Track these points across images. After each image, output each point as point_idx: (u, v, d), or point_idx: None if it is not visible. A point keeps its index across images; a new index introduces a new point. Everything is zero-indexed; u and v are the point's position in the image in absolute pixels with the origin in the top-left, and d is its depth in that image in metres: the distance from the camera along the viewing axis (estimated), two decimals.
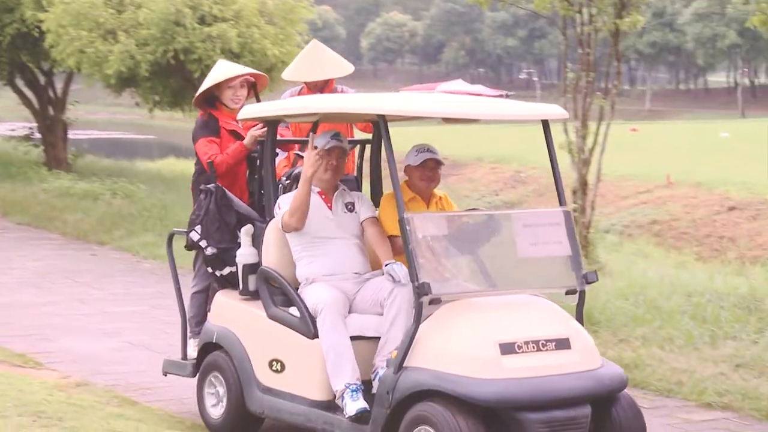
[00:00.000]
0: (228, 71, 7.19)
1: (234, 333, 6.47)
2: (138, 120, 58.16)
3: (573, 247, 5.75)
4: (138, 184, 20.62)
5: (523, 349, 5.30)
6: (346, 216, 6.19)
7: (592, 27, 12.48)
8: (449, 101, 5.99)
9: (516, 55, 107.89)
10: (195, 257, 7.35)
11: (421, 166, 6.25)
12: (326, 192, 6.22)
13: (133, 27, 17.50)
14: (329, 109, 6.35)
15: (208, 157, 6.95)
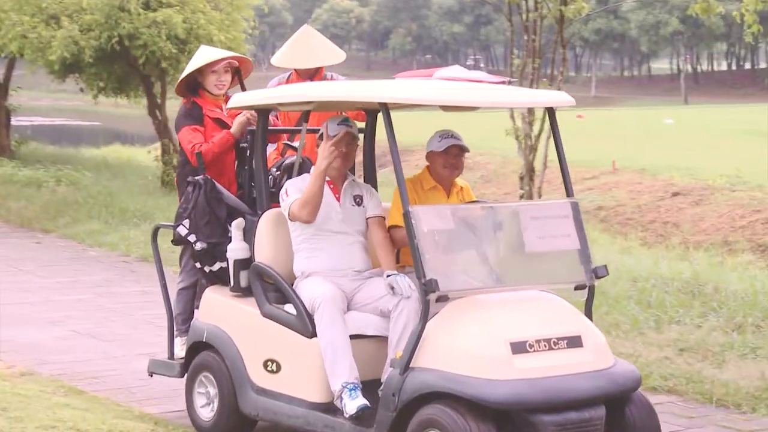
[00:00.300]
0: (210, 55, 6.86)
1: (225, 332, 6.18)
2: (82, 106, 57.52)
3: (582, 240, 5.56)
4: (83, 171, 20.41)
5: (535, 348, 5.09)
6: (354, 210, 5.87)
7: (538, 14, 12.56)
8: (454, 89, 5.70)
9: (462, 42, 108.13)
10: (181, 252, 7.03)
11: (445, 153, 5.99)
12: (335, 181, 5.88)
13: (77, 12, 17.28)
14: (328, 98, 5.97)
15: (192, 146, 6.65)
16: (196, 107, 6.85)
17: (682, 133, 31.88)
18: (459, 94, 5.63)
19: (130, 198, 16.94)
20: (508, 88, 6.06)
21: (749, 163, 20.52)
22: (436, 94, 5.61)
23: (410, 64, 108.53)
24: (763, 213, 17.06)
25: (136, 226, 14.79)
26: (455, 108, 5.92)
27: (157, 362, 6.95)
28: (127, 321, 9.81)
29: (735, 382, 7.35)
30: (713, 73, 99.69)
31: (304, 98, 5.94)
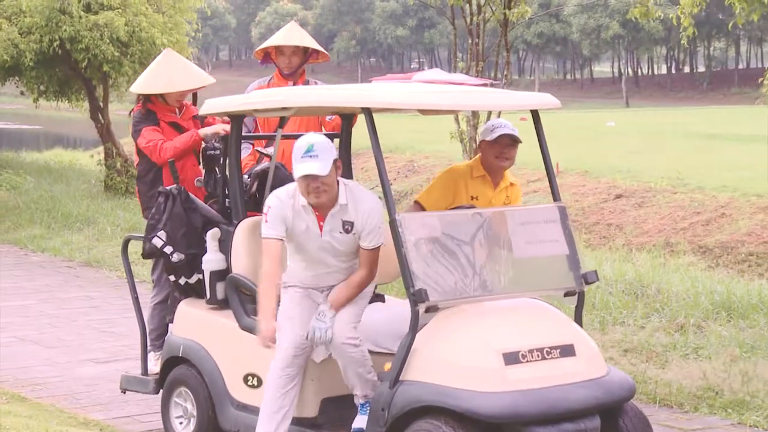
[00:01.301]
0: (177, 84, 6.80)
1: (202, 346, 5.95)
2: (23, 110, 56.87)
3: (570, 245, 5.42)
4: (24, 175, 20.19)
5: (528, 359, 4.93)
6: (341, 237, 5.39)
7: (481, 17, 12.60)
8: (438, 93, 5.47)
9: (406, 45, 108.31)
10: (154, 266, 6.89)
11: (496, 143, 5.89)
12: (320, 209, 5.38)
13: (16, 15, 17.11)
14: (308, 103, 5.63)
15: (155, 143, 6.59)
16: (151, 113, 6.82)
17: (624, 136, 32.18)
18: (444, 98, 5.44)
19: (72, 202, 16.77)
20: (491, 90, 5.88)
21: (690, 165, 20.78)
22: (421, 98, 5.41)
23: (355, 67, 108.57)
24: (704, 215, 17.29)
25: (79, 231, 14.66)
26: (432, 112, 5.80)
27: (130, 378, 6.68)
28: (70, 327, 9.70)
29: (678, 381, 7.44)
30: (653, 77, 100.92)
31: (283, 104, 5.71)
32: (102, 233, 14.36)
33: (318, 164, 5.18)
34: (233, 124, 6.06)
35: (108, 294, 11.13)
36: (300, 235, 5.41)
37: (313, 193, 5.25)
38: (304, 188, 5.27)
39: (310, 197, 5.28)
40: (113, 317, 9.98)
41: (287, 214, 5.36)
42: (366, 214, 5.35)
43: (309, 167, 5.17)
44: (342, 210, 5.38)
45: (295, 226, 5.38)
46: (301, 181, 5.24)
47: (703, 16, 76.64)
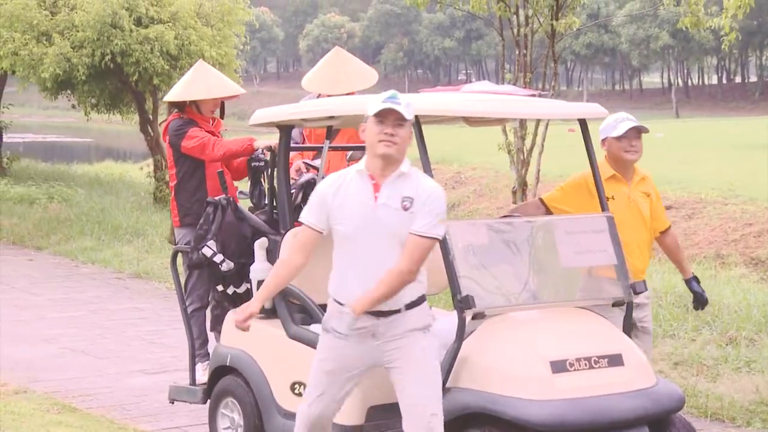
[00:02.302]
0: (213, 91, 6.95)
1: (250, 355, 5.95)
2: (75, 123, 57.51)
3: (618, 255, 5.39)
4: (75, 187, 20.40)
5: (575, 367, 4.88)
6: (396, 214, 4.68)
7: (529, 28, 12.56)
8: (486, 101, 5.47)
9: (454, 56, 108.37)
10: (188, 275, 6.93)
11: (624, 137, 5.84)
12: (379, 175, 4.72)
13: (68, 29, 17.31)
14: (354, 112, 5.47)
15: (206, 139, 6.69)
16: (192, 120, 6.91)
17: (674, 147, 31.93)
18: (492, 106, 5.47)
19: (122, 214, 16.93)
20: (539, 100, 5.88)
21: (741, 177, 20.55)
22: (470, 105, 5.41)
23: (402, 79, 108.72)
24: (756, 226, 17.08)
25: (129, 243, 14.78)
26: (484, 121, 5.78)
27: (179, 388, 6.72)
28: (119, 338, 9.78)
29: (729, 395, 7.35)
30: (704, 87, 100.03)
31: (329, 113, 5.69)
32: (151, 245, 14.47)
33: (401, 108, 4.63)
34: (281, 135, 6.08)
35: (157, 305, 11.21)
36: (348, 209, 4.71)
37: (385, 141, 4.61)
38: (375, 133, 4.63)
39: (379, 146, 4.61)
40: (162, 328, 10.05)
41: (330, 200, 4.76)
42: (427, 194, 4.68)
43: (391, 105, 4.62)
44: (403, 180, 4.71)
45: (341, 200, 4.73)
46: (376, 123, 4.63)
47: (755, 24, 75.88)
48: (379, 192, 4.69)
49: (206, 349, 6.89)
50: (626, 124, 5.88)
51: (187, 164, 6.91)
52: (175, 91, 7.06)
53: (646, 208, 5.98)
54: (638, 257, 5.88)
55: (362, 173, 4.73)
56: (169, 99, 7.11)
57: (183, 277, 6.96)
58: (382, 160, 4.66)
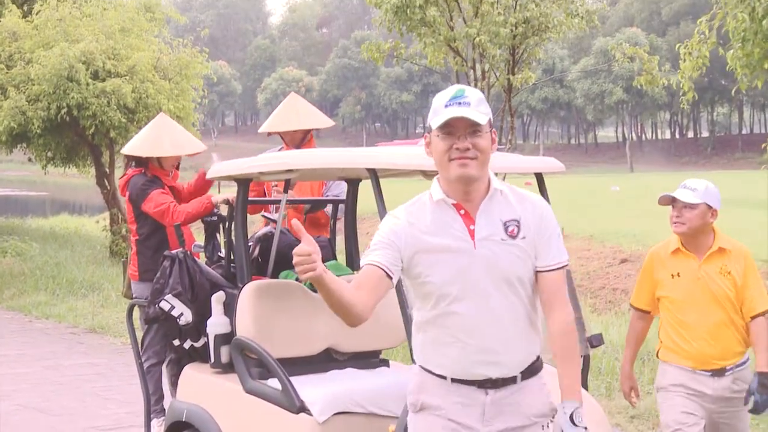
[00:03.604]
0: (177, 149, 6.99)
1: (206, 410, 5.82)
2: (30, 176, 57.16)
3: (575, 308, 5.13)
4: (30, 242, 20.22)
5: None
6: (502, 247, 3.54)
7: (486, 83, 12.73)
8: None
9: (411, 110, 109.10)
10: (146, 330, 6.92)
11: (673, 207, 5.36)
12: (465, 201, 3.60)
13: (24, 82, 17.27)
14: (313, 165, 5.44)
15: (166, 205, 6.72)
16: (156, 177, 6.91)
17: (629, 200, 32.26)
18: None
19: (77, 268, 16.79)
20: (496, 153, 5.94)
21: None
22: (428, 159, 5.43)
23: (360, 132, 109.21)
24: None
25: (84, 297, 14.64)
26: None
27: None
28: (74, 394, 9.65)
29: None
30: (657, 142, 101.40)
31: (288, 166, 5.53)
32: (107, 299, 14.35)
33: (473, 110, 3.53)
34: (239, 188, 6.06)
35: (112, 360, 11.09)
36: (436, 255, 3.54)
37: (459, 159, 3.52)
38: (444, 151, 3.55)
39: (452, 166, 3.54)
40: (117, 384, 9.93)
41: (404, 242, 3.57)
42: (536, 210, 3.64)
43: (458, 111, 3.51)
44: (499, 200, 3.63)
45: (423, 243, 3.56)
46: (442, 138, 3.55)
47: (706, 81, 77.16)
48: (474, 224, 3.56)
49: (162, 405, 6.84)
50: (668, 193, 5.40)
51: (149, 221, 6.91)
52: (140, 146, 7.02)
53: (721, 286, 5.20)
54: (707, 342, 5.19)
55: (443, 203, 3.60)
56: (133, 153, 7.06)
57: (139, 331, 6.90)
58: (461, 183, 3.56)
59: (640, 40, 71.85)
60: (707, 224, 5.28)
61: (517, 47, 12.62)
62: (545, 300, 3.59)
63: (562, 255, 3.63)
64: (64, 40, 17.35)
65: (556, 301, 3.59)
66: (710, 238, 5.32)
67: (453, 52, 12.73)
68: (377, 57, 13.39)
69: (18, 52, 17.82)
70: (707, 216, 5.26)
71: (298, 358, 5.69)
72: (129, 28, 18.27)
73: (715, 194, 5.30)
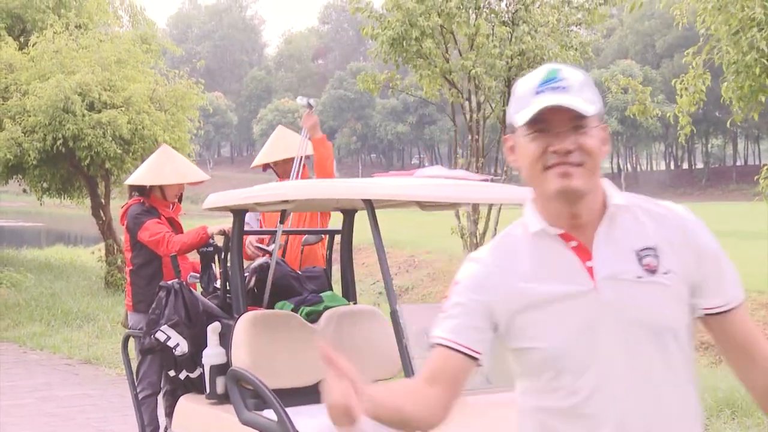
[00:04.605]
0: (187, 176, 7.07)
1: None
2: (25, 207, 57.10)
3: None
4: (25, 272, 20.18)
5: None
6: (638, 288, 2.47)
7: (481, 114, 12.77)
8: (439, 186, 5.39)
9: (407, 141, 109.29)
10: (141, 361, 6.91)
11: None
12: (574, 227, 2.54)
13: (20, 114, 17.30)
14: (308, 196, 5.53)
15: (161, 235, 6.76)
16: (152, 207, 6.94)
17: None
18: (445, 191, 5.39)
19: (73, 299, 16.75)
20: (492, 185, 5.82)
21: None
22: (423, 191, 5.38)
23: (356, 163, 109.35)
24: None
25: (79, 328, 14.61)
26: (436, 206, 5.71)
27: None
28: (68, 426, 9.60)
29: None
30: (652, 173, 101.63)
31: (284, 197, 5.57)
32: (102, 330, 14.31)
33: (575, 97, 2.46)
34: (235, 219, 6.07)
35: (106, 391, 11.05)
36: (542, 312, 2.52)
37: (560, 165, 2.48)
38: (536, 157, 2.52)
39: (549, 178, 2.50)
40: (111, 415, 9.89)
41: (496, 283, 2.57)
42: (681, 227, 2.60)
43: (554, 98, 2.45)
44: (622, 220, 2.58)
45: (522, 295, 2.53)
46: (533, 137, 2.51)
47: (701, 113, 77.40)
48: (591, 259, 2.50)
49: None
50: None
51: (144, 251, 6.92)
52: (143, 176, 7.08)
53: None
54: None
55: (544, 234, 2.58)
56: (136, 183, 7.10)
57: (134, 362, 6.88)
58: (565, 201, 2.52)
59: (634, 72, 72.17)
60: None
61: (513, 79, 12.67)
62: (736, 347, 2.57)
63: (739, 285, 2.58)
64: (60, 71, 17.40)
65: (758, 343, 2.54)
66: None
67: (448, 84, 12.79)
68: (373, 88, 13.43)
69: (14, 84, 17.86)
70: None
71: (294, 389, 5.66)
72: (125, 59, 18.30)
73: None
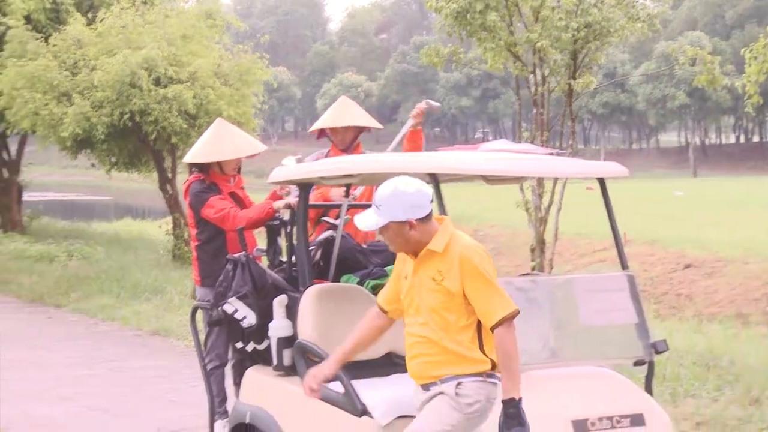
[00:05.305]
0: (239, 150, 7.03)
1: (269, 413, 5.87)
2: (94, 181, 57.90)
3: (639, 313, 5.33)
4: (95, 245, 20.49)
5: (597, 427, 4.79)
6: None
7: (546, 87, 12.64)
8: (505, 160, 5.39)
9: (471, 115, 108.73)
10: (208, 333, 6.98)
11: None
12: None
13: (88, 89, 17.50)
14: (373, 170, 5.56)
15: (226, 211, 6.78)
16: (213, 184, 6.95)
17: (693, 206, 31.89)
18: (512, 165, 5.40)
19: (141, 272, 16.97)
20: (558, 158, 5.80)
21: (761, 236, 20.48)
22: (488, 164, 5.34)
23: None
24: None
25: (148, 300, 14.79)
26: (502, 179, 5.70)
27: None
28: (138, 396, 9.75)
29: None
30: (721, 146, 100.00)
31: (349, 171, 5.63)
32: (170, 303, 14.48)
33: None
34: (300, 193, 6.10)
35: (175, 363, 11.19)
36: None
37: None
38: None
39: None
40: (180, 386, 10.02)
41: None
42: None
43: None
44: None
45: None
46: None
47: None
48: None
49: (225, 407, 6.88)
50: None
51: (208, 227, 6.95)
52: (200, 153, 7.06)
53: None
54: None
55: None
56: (194, 161, 7.10)
57: (202, 334, 6.96)
58: None
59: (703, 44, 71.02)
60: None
61: (579, 52, 12.52)
62: None
63: None
64: (127, 47, 17.56)
65: None
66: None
67: (513, 57, 12.67)
68: (436, 62, 13.34)
69: (82, 59, 18.07)
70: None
71: (359, 362, 5.62)
72: (190, 34, 18.42)
73: (401, 203, 4.64)
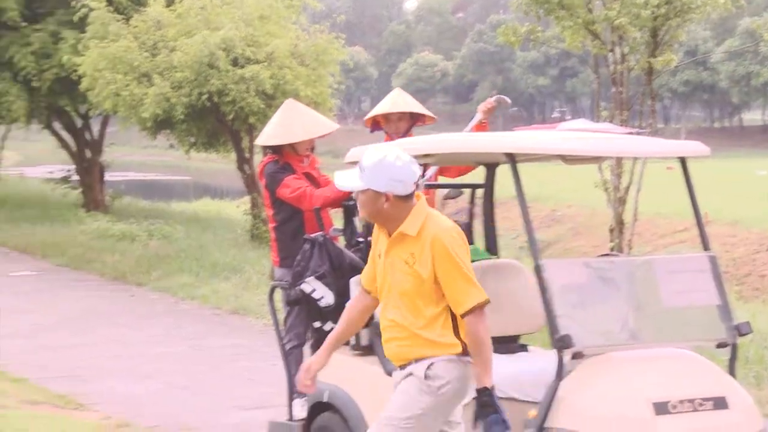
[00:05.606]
0: (314, 129, 7.06)
1: (347, 392, 5.89)
2: (172, 161, 58.59)
3: (721, 295, 5.28)
4: (174, 225, 20.75)
5: (678, 409, 4.73)
6: None
7: (625, 65, 12.47)
8: (584, 139, 5.38)
9: (548, 94, 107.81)
10: (287, 313, 7.03)
11: None
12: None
13: (168, 70, 17.71)
14: (450, 150, 5.62)
15: (302, 190, 6.80)
16: (287, 164, 6.98)
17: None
18: (590, 144, 5.37)
19: (219, 251, 17.16)
20: (637, 138, 5.75)
21: None
22: (568, 144, 5.31)
23: (497, 117, 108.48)
24: None
25: (227, 279, 14.95)
26: (581, 159, 5.65)
27: (277, 424, 6.68)
28: (218, 374, 9.89)
29: None
30: None
31: (425, 151, 5.63)
32: (248, 282, 14.62)
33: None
34: None
35: (254, 341, 11.31)
36: None
37: None
38: None
39: None
40: (259, 365, 10.13)
41: None
42: None
43: None
44: None
45: None
46: None
47: None
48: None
49: None
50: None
51: (285, 207, 6.98)
52: (272, 135, 7.08)
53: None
54: None
55: None
56: (266, 143, 7.13)
57: (281, 313, 7.02)
58: None
59: None
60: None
61: (659, 29, 12.33)
62: None
63: None
64: (206, 27, 17.72)
65: None
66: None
67: (591, 35, 12.53)
68: (513, 41, 13.24)
69: (162, 40, 18.28)
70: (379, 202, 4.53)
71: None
72: (267, 15, 18.51)
73: (385, 174, 4.53)
